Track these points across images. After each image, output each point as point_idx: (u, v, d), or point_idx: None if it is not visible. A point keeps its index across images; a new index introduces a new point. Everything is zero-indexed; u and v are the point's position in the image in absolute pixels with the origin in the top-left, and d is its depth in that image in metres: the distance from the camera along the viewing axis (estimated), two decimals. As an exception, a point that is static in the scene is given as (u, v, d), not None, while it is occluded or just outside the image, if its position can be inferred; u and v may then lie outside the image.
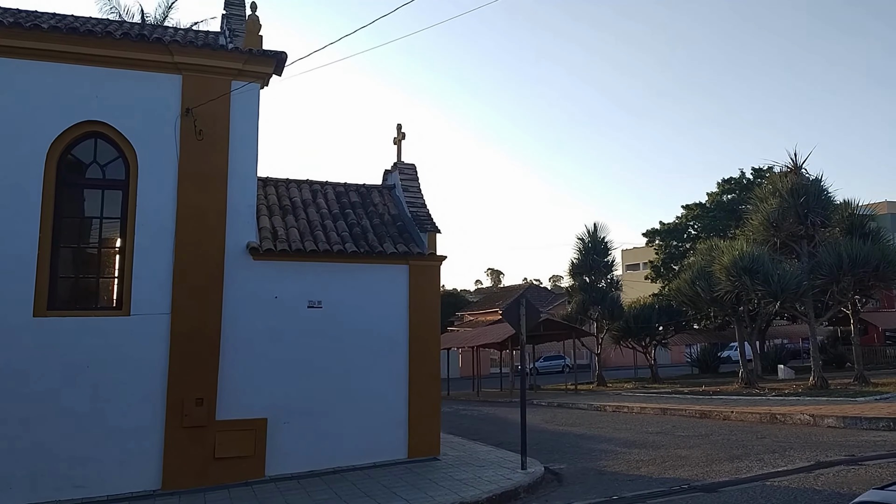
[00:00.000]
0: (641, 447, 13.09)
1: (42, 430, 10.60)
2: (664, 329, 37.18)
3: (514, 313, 11.31)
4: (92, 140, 11.70)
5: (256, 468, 11.59)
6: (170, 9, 31.47)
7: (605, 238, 37.06)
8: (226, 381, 11.61)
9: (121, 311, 11.40)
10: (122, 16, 28.80)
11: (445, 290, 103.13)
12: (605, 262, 36.64)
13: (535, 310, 11.51)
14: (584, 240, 36.97)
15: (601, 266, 36.36)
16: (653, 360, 37.62)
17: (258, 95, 12.41)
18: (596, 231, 36.98)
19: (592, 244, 36.72)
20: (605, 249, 36.89)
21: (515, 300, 11.60)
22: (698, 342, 42.66)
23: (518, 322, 11.26)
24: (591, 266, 36.29)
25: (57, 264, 11.33)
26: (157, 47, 11.62)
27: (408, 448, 12.44)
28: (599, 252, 36.55)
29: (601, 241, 36.86)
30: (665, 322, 35.95)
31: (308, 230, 12.81)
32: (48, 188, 11.19)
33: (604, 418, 19.26)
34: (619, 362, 49.13)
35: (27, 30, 10.95)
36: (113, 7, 28.99)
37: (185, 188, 11.70)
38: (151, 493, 10.91)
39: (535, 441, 15.09)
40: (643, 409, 20.34)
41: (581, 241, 37.04)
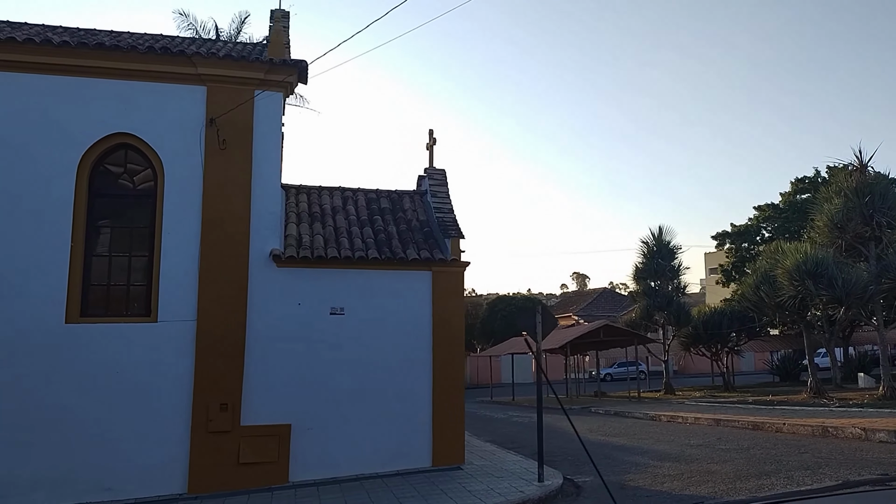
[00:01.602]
0: (674, 460, 12.54)
1: (72, 434, 10.96)
2: (736, 335, 35.64)
3: (531, 321, 11.02)
4: (121, 151, 12.09)
5: (280, 474, 11.67)
6: (243, 23, 32.50)
7: (671, 241, 35.98)
8: (250, 387, 11.76)
9: (149, 318, 11.70)
10: (199, 32, 29.78)
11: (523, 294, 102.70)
12: (671, 266, 35.51)
13: (552, 317, 11.19)
14: (649, 243, 35.98)
15: (666, 270, 35.27)
16: (725, 367, 36.22)
17: (281, 104, 12.57)
18: (661, 234, 35.94)
19: (657, 247, 35.69)
20: (671, 253, 35.77)
21: (533, 307, 11.31)
22: (779, 348, 40.82)
23: (534, 330, 10.97)
24: (656, 270, 35.26)
25: (89, 272, 11.74)
26: (181, 60, 11.90)
27: (432, 456, 12.30)
28: (664, 256, 35.47)
29: (666, 245, 35.78)
30: (737, 328, 34.45)
31: (333, 237, 12.86)
32: (80, 198, 11.61)
33: (653, 429, 18.61)
34: (698, 369, 47.58)
35: (57, 47, 11.40)
36: (190, 24, 29.99)
37: (210, 197, 11.93)
38: (177, 497, 11.12)
39: (569, 451, 14.71)
40: (697, 419, 19.56)
41: (645, 244, 36.06)
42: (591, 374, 47.59)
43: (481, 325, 65.11)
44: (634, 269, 36.49)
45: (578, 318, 60.79)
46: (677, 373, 59.55)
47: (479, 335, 63.06)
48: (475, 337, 64.40)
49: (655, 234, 36.07)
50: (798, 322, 26.79)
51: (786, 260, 22.81)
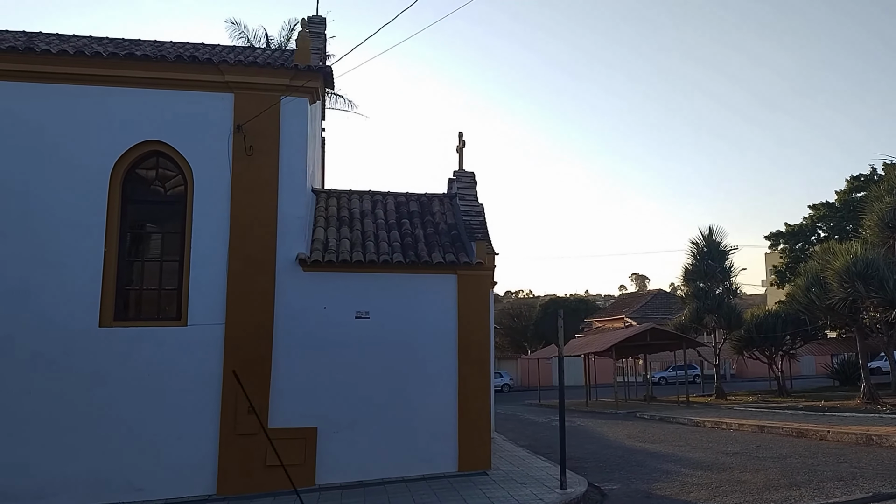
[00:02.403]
0: (707, 469, 12.18)
1: (105, 435, 11.25)
2: (791, 339, 34.44)
3: (553, 325, 10.84)
4: (153, 158, 12.36)
5: (307, 476, 11.73)
6: (292, 30, 33.07)
7: (721, 241, 35.02)
8: (277, 390, 11.87)
9: (179, 322, 11.93)
10: (250, 40, 30.34)
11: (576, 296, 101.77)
12: (722, 268, 34.58)
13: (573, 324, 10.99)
14: (699, 244, 35.10)
15: (717, 272, 34.35)
16: (780, 371, 35.09)
17: (307, 110, 12.66)
18: (711, 234, 35.04)
19: (708, 248, 34.80)
20: (722, 254, 34.83)
21: (554, 312, 11.14)
22: (839, 352, 39.35)
23: (556, 334, 10.79)
24: (706, 272, 34.38)
25: (122, 276, 12.03)
26: (209, 68, 12.11)
27: (458, 462, 12.21)
28: (715, 257, 34.55)
29: (717, 245, 34.86)
30: (791, 331, 33.26)
31: (360, 241, 12.90)
32: (113, 204, 11.92)
33: (694, 435, 18.14)
34: (756, 373, 46.27)
35: (90, 57, 11.72)
36: (241, 32, 30.56)
37: (238, 202, 12.10)
38: (206, 498, 11.30)
39: (602, 458, 14.48)
40: (740, 425, 18.99)
41: (695, 245, 35.19)
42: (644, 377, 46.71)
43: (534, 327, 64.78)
44: (684, 271, 35.68)
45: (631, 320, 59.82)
46: (735, 376, 58.03)
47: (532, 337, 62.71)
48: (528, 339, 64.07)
49: (705, 235, 35.19)
50: (851, 325, 25.75)
51: (835, 261, 21.94)
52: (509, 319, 69.37)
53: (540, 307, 73.11)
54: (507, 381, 54.61)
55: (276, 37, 31.79)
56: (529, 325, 66.41)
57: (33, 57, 11.63)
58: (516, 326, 67.17)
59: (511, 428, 22.40)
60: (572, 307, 69.68)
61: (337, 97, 34.60)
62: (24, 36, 13.77)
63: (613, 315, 65.49)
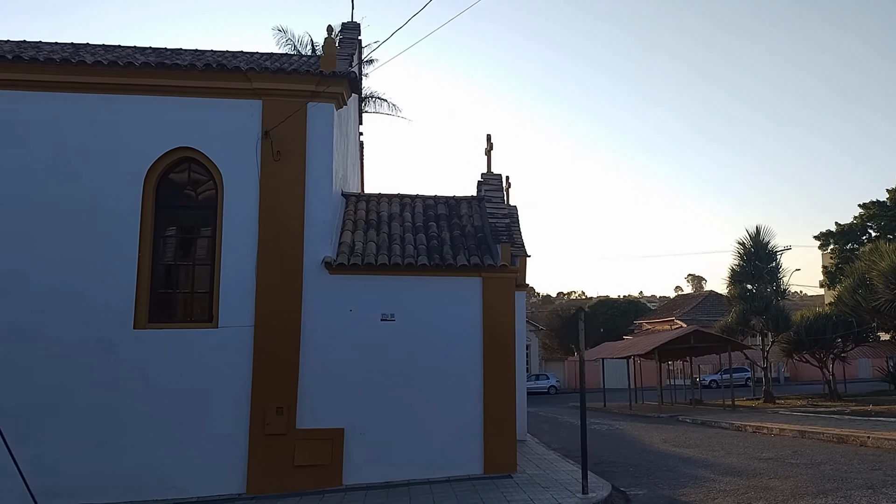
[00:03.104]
0: (736, 475, 11.93)
1: (140, 434, 11.57)
2: (842, 341, 33.39)
3: (574, 328, 10.76)
4: (184, 164, 12.68)
5: (334, 477, 11.89)
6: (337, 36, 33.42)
7: (769, 242, 34.18)
8: (304, 392, 12.05)
9: (210, 324, 12.20)
10: (296, 47, 30.83)
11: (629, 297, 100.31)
12: (769, 269, 33.73)
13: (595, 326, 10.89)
14: (745, 244, 34.30)
15: (764, 273, 33.53)
16: (831, 374, 34.11)
17: (332, 115, 12.81)
18: (758, 234, 34.21)
19: (755, 249, 33.99)
20: (769, 255, 33.99)
21: (574, 314, 11.05)
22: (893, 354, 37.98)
23: (577, 337, 10.71)
24: (754, 273, 33.58)
25: (156, 280, 12.37)
26: (237, 75, 12.36)
27: (483, 464, 12.21)
28: (762, 258, 33.73)
29: (764, 246, 34.02)
30: (841, 333, 32.25)
31: (386, 244, 13.01)
32: (146, 209, 12.26)
33: (732, 440, 17.77)
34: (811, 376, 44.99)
35: (123, 67, 12.08)
36: (288, 39, 31.05)
37: (266, 207, 12.32)
38: (236, 497, 11.52)
39: (634, 462, 14.31)
40: (781, 430, 18.53)
41: (742, 245, 34.40)
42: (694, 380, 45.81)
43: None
44: (730, 272, 34.91)
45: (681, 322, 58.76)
46: (789, 380, 56.53)
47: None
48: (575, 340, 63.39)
49: (752, 235, 34.39)
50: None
51: (881, 262, 21.25)
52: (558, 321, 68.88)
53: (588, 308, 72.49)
54: (554, 382, 54.23)
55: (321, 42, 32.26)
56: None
57: (70, 68, 12.03)
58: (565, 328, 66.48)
59: (547, 430, 22.30)
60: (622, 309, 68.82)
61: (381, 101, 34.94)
62: (71, 48, 14.28)
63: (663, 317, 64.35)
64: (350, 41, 18.48)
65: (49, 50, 13.43)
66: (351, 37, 18.88)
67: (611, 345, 43.61)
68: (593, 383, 46.22)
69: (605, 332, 59.38)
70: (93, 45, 14.87)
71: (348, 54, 15.33)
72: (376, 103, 34.99)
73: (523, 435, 17.56)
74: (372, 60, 36.13)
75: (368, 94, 35.12)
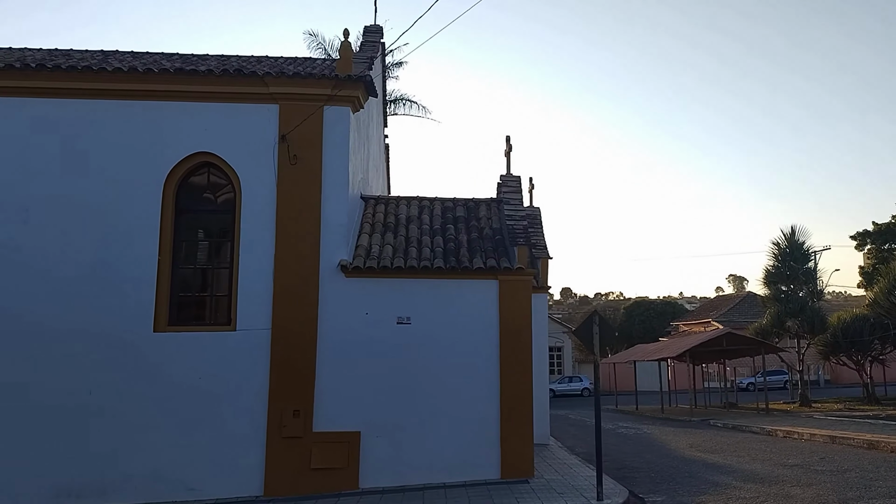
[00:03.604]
0: (758, 482, 11.66)
1: (160, 436, 11.72)
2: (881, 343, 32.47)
3: (588, 330, 10.61)
4: (203, 169, 12.80)
5: (350, 480, 11.90)
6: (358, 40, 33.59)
7: (805, 242, 33.42)
8: (321, 394, 12.09)
9: (229, 327, 12.30)
10: (327, 51, 31.03)
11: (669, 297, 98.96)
12: (805, 270, 32.98)
13: (609, 328, 10.73)
14: (780, 245, 33.58)
15: (799, 274, 32.79)
16: (869, 377, 33.24)
17: (348, 119, 12.83)
18: (793, 235, 33.48)
19: (790, 249, 33.27)
20: (805, 255, 33.24)
21: (589, 316, 10.89)
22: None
23: (591, 340, 10.55)
24: (788, 274, 32.86)
25: (175, 283, 12.51)
26: (253, 80, 12.44)
27: (500, 469, 12.12)
28: (797, 258, 32.99)
29: (799, 246, 33.28)
30: (879, 335, 31.36)
31: (403, 247, 12.99)
32: (166, 214, 12.41)
33: (761, 445, 17.38)
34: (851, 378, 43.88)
35: (143, 74, 12.24)
36: (319, 43, 31.26)
37: (283, 210, 12.39)
38: (254, 499, 11.59)
39: (657, 468, 14.08)
40: (812, 435, 18.09)
41: (776, 245, 33.67)
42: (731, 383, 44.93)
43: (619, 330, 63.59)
44: (765, 273, 34.22)
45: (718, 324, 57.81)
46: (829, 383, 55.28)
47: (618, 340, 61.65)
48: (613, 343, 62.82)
49: (787, 235, 33.67)
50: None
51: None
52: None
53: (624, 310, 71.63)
54: (587, 384, 53.73)
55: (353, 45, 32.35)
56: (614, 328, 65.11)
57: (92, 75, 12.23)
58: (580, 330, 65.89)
59: (573, 434, 22.06)
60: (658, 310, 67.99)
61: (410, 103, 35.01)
62: (101, 55, 14.54)
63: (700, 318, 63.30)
64: (371, 44, 18.50)
65: (79, 57, 13.66)
66: (373, 40, 18.89)
67: (643, 347, 43.12)
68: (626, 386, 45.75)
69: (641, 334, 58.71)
70: (122, 52, 15.11)
71: (367, 57, 15.36)
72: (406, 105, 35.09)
73: (546, 438, 17.38)
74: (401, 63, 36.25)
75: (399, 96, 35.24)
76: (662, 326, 64.17)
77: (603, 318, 10.82)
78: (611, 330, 10.93)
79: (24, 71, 12.08)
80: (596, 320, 10.66)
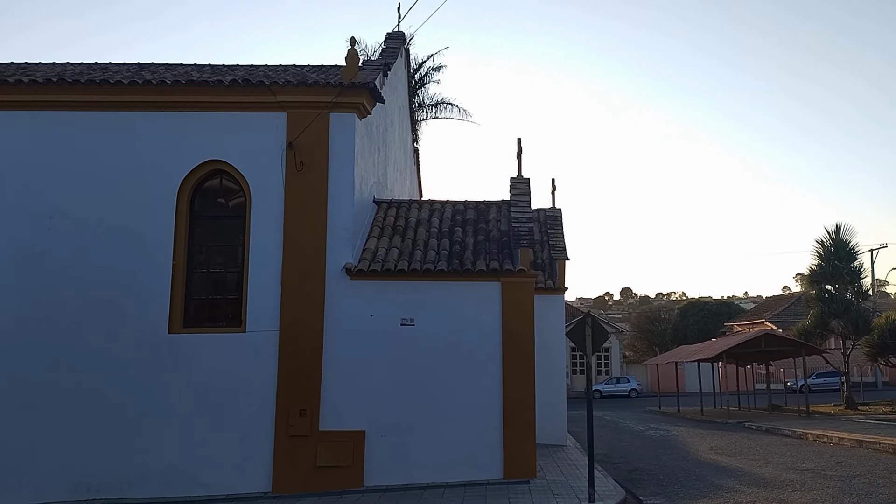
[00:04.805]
0: (762, 486, 11.49)
1: (174, 433, 12.17)
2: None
3: (580, 333, 10.64)
4: (214, 176, 13.24)
5: (355, 478, 12.16)
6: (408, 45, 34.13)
7: (851, 241, 32.40)
8: (327, 394, 12.37)
9: (239, 329, 12.70)
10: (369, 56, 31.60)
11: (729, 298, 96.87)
12: (851, 269, 31.97)
13: (602, 330, 10.73)
14: (825, 244, 32.62)
15: (844, 273, 31.81)
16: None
17: (353, 125, 13.08)
18: (838, 233, 32.50)
19: (835, 249, 32.30)
20: (851, 254, 32.23)
21: (581, 319, 10.91)
22: None
23: (583, 342, 10.57)
24: (833, 273, 31.92)
25: (189, 287, 12.97)
26: (261, 89, 12.80)
27: (503, 469, 12.20)
28: (843, 258, 32.00)
29: (845, 245, 32.28)
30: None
31: (409, 250, 13.19)
32: (181, 220, 12.88)
33: (784, 448, 17.03)
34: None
35: (156, 85, 12.73)
36: (361, 49, 31.84)
37: (290, 215, 12.72)
38: (263, 496, 11.94)
39: (668, 471, 13.99)
40: (841, 439, 17.64)
41: (821, 244, 32.72)
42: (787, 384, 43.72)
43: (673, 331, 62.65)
44: (809, 273, 33.30)
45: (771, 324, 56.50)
46: (888, 384, 53.51)
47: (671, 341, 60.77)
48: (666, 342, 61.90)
49: (832, 234, 32.70)
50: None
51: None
52: (648, 323, 67.58)
53: (678, 310, 70.51)
54: (635, 386, 53.06)
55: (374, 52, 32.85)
56: (668, 328, 64.31)
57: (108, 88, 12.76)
58: (654, 330, 65.31)
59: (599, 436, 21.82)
60: (713, 310, 66.67)
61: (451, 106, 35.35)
62: (136, 67, 15.20)
63: (754, 319, 61.93)
64: (392, 50, 18.76)
65: (115, 70, 14.34)
66: (394, 46, 19.15)
67: (685, 348, 42.45)
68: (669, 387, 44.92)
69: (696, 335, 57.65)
70: (156, 64, 15.75)
71: (382, 64, 15.61)
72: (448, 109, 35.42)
73: (563, 440, 17.37)
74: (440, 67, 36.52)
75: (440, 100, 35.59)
76: (717, 327, 62.95)
77: (596, 321, 10.84)
78: (603, 332, 10.92)
79: (46, 85, 12.66)
80: (588, 322, 10.69)
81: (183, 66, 15.67)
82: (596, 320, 10.89)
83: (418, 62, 35.11)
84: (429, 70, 35.68)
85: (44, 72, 13.71)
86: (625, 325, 72.10)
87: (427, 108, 35.78)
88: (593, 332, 10.57)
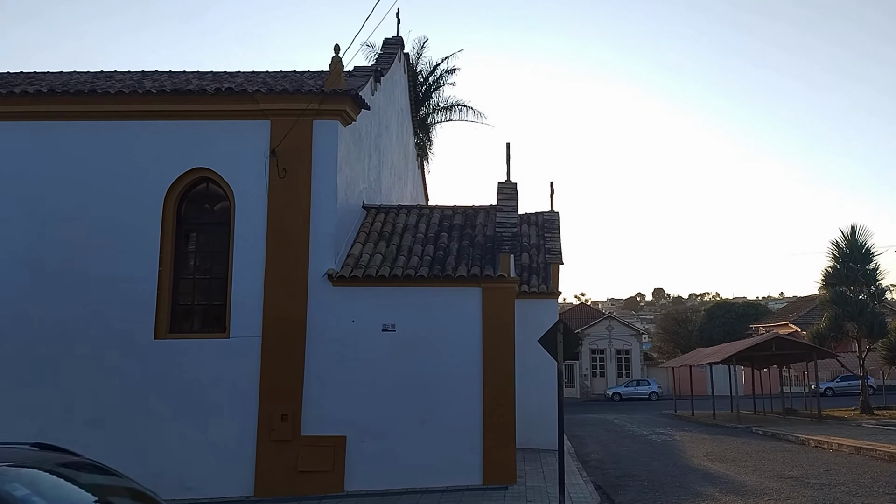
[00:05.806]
0: (741, 494, 11.36)
1: (158, 437, 12.34)
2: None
3: (552, 339, 10.60)
4: (200, 184, 13.42)
5: (336, 483, 12.24)
6: (423, 48, 34.42)
7: (866, 243, 31.84)
8: (309, 399, 12.47)
9: (223, 334, 12.87)
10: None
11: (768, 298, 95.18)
12: (866, 271, 31.41)
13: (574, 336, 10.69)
14: (840, 245, 32.09)
15: (859, 275, 31.27)
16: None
17: (336, 132, 13.16)
18: (853, 235, 31.95)
19: (850, 250, 31.76)
20: (866, 256, 31.66)
21: (554, 325, 10.86)
22: None
23: (555, 348, 10.54)
24: (848, 275, 31.40)
25: (175, 293, 13.17)
26: (245, 98, 12.94)
27: (482, 474, 12.21)
28: (858, 259, 31.45)
29: (860, 247, 31.73)
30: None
31: (392, 255, 13.25)
32: (167, 227, 13.07)
33: (778, 455, 16.79)
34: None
35: (141, 95, 12.93)
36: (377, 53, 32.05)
37: (273, 222, 12.85)
38: (245, 499, 12.09)
39: (654, 477, 13.89)
40: (840, 446, 17.36)
41: (836, 246, 32.19)
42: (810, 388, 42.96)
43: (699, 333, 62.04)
44: (824, 275, 32.78)
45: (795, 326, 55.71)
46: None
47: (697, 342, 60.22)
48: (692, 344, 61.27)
49: (847, 235, 32.15)
50: None
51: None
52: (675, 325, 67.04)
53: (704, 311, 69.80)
54: (655, 389, 52.62)
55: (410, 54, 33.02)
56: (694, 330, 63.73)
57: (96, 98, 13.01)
58: (681, 332, 64.78)
59: (600, 440, 21.81)
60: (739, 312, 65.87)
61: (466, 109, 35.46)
62: (140, 75, 15.49)
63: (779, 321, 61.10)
64: (389, 55, 18.86)
65: (119, 79, 14.63)
66: (391, 51, 19.26)
67: (701, 350, 41.97)
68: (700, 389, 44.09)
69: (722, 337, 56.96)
70: (160, 71, 16.01)
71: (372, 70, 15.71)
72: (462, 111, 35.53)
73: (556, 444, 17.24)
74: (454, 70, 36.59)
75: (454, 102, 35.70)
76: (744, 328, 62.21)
77: (567, 327, 10.79)
78: (575, 338, 10.87)
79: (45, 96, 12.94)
80: (560, 328, 10.65)
81: (185, 73, 15.89)
82: (567, 327, 10.85)
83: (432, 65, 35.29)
84: (443, 73, 35.83)
85: (49, 81, 13.97)
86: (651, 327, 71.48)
87: (441, 110, 35.93)
88: (564, 339, 10.53)
